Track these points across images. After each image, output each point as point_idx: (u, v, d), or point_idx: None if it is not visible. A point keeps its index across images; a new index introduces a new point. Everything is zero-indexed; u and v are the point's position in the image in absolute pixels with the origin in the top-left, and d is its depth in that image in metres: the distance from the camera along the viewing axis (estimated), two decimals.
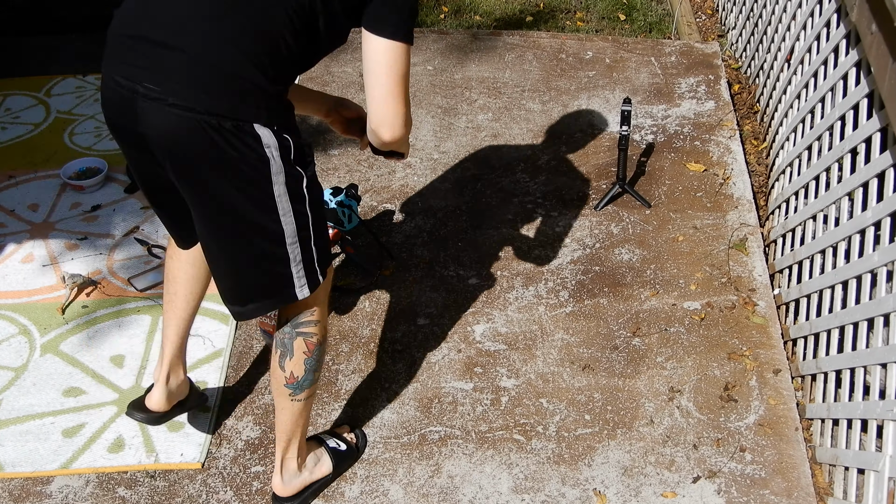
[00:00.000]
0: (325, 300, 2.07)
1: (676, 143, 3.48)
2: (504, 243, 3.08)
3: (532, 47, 4.14)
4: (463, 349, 2.71)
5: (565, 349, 2.69)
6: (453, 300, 2.87)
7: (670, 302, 2.83)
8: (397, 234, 3.12)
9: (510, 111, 3.71)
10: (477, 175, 3.38)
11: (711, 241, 3.04)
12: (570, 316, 2.80)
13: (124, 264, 3.00)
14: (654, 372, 2.62)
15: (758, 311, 2.78)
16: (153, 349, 2.70)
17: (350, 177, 3.38)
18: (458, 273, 2.97)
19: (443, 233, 3.13)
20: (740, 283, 2.88)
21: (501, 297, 2.87)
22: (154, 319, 2.79)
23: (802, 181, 2.87)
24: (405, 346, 2.72)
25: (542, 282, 2.92)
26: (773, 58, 3.57)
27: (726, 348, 2.67)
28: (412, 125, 2.04)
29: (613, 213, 3.16)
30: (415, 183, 3.35)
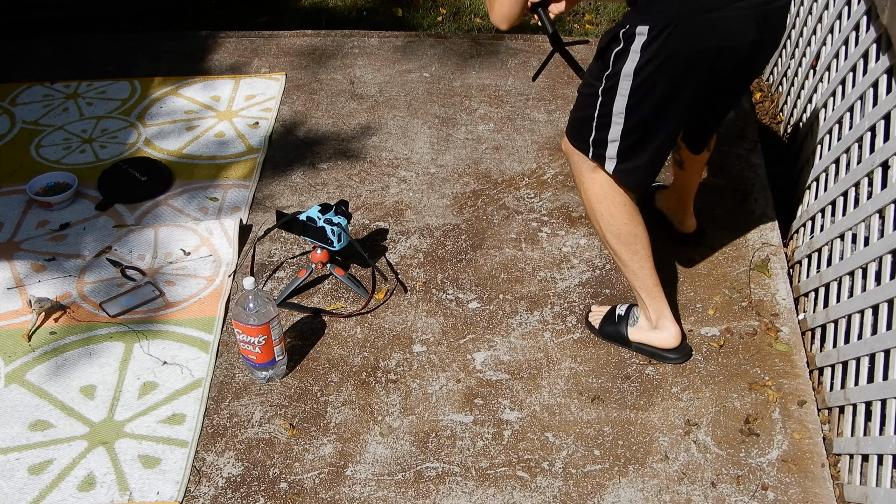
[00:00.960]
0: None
1: None
2: (507, 264, 3.11)
3: (537, 52, 4.19)
4: (462, 379, 2.74)
5: (573, 379, 2.73)
6: (452, 325, 2.90)
7: (686, 328, 2.86)
8: (391, 255, 3.16)
9: (513, 121, 3.76)
10: (477, 190, 3.42)
11: (731, 262, 3.08)
12: (579, 343, 2.84)
13: (95, 287, 3.03)
14: (669, 403, 2.65)
15: (781, 337, 2.82)
16: (126, 379, 2.73)
17: (340, 192, 3.42)
18: (457, 296, 3.00)
19: (440, 253, 3.16)
20: (762, 308, 2.91)
21: (504, 323, 2.91)
22: (128, 347, 2.82)
23: (829, 197, 2.90)
24: (400, 376, 2.75)
25: (548, 306, 2.96)
26: (798, 64, 3.62)
27: (747, 378, 2.70)
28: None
29: None
30: (410, 199, 3.39)
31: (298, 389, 2.72)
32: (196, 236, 3.20)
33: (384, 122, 3.78)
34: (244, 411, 2.66)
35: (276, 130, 3.74)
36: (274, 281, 3.08)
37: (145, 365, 2.78)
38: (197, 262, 3.11)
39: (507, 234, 3.23)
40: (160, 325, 2.89)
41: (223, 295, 2.99)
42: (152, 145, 3.65)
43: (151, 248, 3.16)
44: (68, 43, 4.30)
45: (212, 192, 3.42)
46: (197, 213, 3.32)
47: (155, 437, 2.58)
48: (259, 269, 3.12)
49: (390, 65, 4.13)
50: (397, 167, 3.54)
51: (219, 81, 3.98)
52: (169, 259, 3.13)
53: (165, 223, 3.27)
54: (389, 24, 4.56)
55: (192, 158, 3.59)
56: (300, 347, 2.85)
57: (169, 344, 2.84)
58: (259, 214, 3.33)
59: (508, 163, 3.54)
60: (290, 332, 2.89)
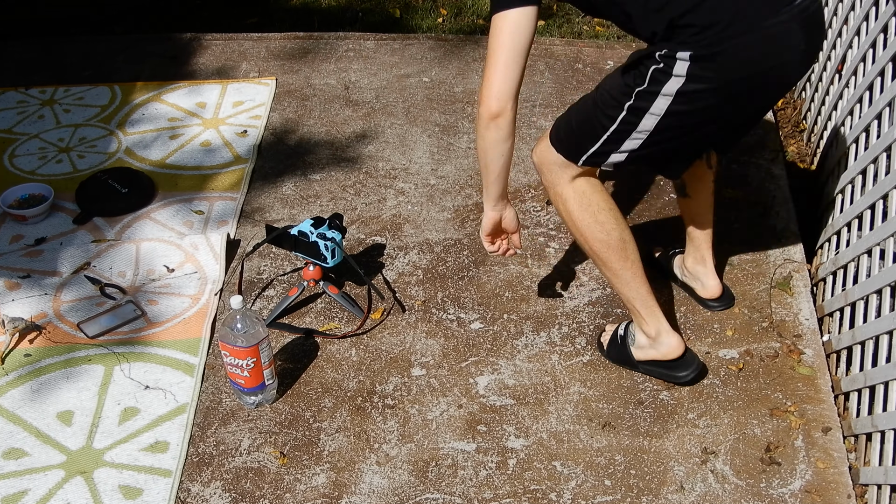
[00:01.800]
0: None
1: None
2: (511, 282, 3.14)
3: (544, 56, 4.23)
4: (464, 404, 2.76)
5: (582, 404, 2.75)
6: (453, 347, 2.93)
7: (703, 350, 2.89)
8: (389, 272, 3.19)
9: (518, 129, 3.80)
10: (480, 203, 3.45)
11: (751, 280, 3.11)
12: (588, 366, 2.86)
13: (73, 306, 3.06)
14: (685, 430, 2.67)
15: (804, 360, 2.84)
16: (106, 404, 2.75)
17: (334, 205, 3.45)
18: (459, 316, 3.03)
19: (441, 270, 3.19)
20: (784, 328, 2.94)
21: (509, 345, 2.93)
22: (108, 370, 2.85)
23: (856, 210, 2.93)
24: (397, 401, 2.78)
25: (556, 326, 2.98)
26: (822, 68, 3.65)
27: (768, 403, 2.73)
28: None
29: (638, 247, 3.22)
30: (409, 212, 3.42)
31: (289, 415, 2.75)
32: (180, 252, 3.23)
33: (381, 130, 3.82)
34: (232, 439, 2.69)
35: (265, 139, 3.78)
36: (263, 300, 3.11)
37: (126, 389, 2.80)
38: (181, 279, 3.15)
39: None
40: (142, 347, 2.92)
41: (209, 315, 3.02)
42: (134, 155, 3.69)
43: (133, 265, 3.19)
44: (44, 46, 4.34)
45: (197, 205, 3.45)
46: (181, 227, 3.36)
47: (136, 467, 2.60)
48: (247, 287, 3.15)
49: (387, 69, 4.17)
50: (395, 178, 3.57)
51: (204, 87, 4.02)
52: (151, 276, 3.16)
53: (148, 238, 3.30)
54: (387, 26, 4.60)
55: (176, 169, 3.62)
56: (291, 371, 2.87)
57: (151, 367, 2.87)
58: (247, 228, 3.36)
59: (513, 173, 3.58)
60: (281, 354, 2.92)
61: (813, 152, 3.64)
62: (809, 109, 3.78)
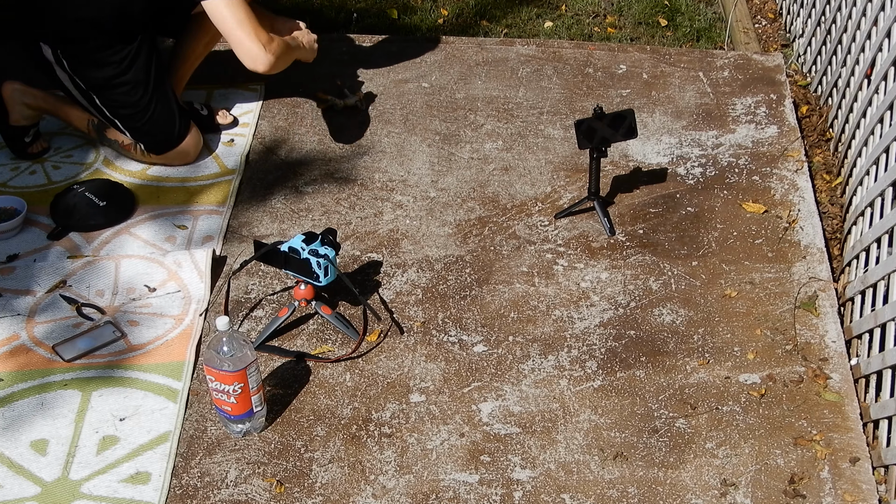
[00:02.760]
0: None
1: (730, 179, 3.60)
2: (517, 302, 3.17)
3: (552, 59, 4.26)
4: (467, 433, 2.79)
5: (593, 433, 2.77)
6: (454, 372, 2.95)
7: (723, 374, 2.91)
8: (386, 291, 3.21)
9: (525, 138, 3.83)
10: (484, 217, 3.48)
11: (773, 300, 3.13)
12: (599, 391, 2.89)
13: (48, 328, 3.08)
14: (703, 461, 2.69)
15: (831, 385, 2.87)
16: (84, 433, 2.77)
17: (327, 220, 3.47)
18: (461, 338, 3.05)
19: (442, 289, 3.22)
20: (809, 351, 2.97)
21: (514, 369, 2.96)
22: (85, 396, 2.87)
23: (886, 225, 2.94)
24: (395, 429, 2.80)
25: (565, 349, 3.01)
26: (850, 73, 3.68)
27: (792, 431, 2.75)
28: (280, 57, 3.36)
29: (652, 265, 3.25)
30: (407, 227, 3.45)
31: (279, 445, 2.76)
32: (163, 270, 3.25)
33: (377, 139, 3.85)
34: (217, 469, 2.71)
35: (253, 149, 3.81)
36: (251, 321, 3.14)
37: (105, 416, 2.82)
38: (164, 298, 3.17)
39: (517, 268, 3.29)
40: (122, 371, 2.94)
41: (193, 337, 3.04)
42: (112, 166, 3.71)
43: (111, 284, 3.22)
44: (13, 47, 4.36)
45: (181, 220, 3.48)
46: (164, 244, 3.38)
47: (116, 499, 2.62)
48: (234, 308, 3.17)
49: (384, 73, 4.20)
50: (392, 191, 3.60)
51: (188, 92, 4.04)
52: (132, 296, 3.18)
53: (128, 254, 3.32)
54: (383, 28, 4.62)
55: (158, 181, 3.65)
56: (281, 397, 2.89)
57: (132, 392, 2.89)
58: (234, 245, 3.39)
59: (519, 185, 3.61)
60: (270, 379, 2.94)
61: (840, 162, 3.67)
62: (836, 116, 3.80)
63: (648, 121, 3.89)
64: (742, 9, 4.72)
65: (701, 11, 4.79)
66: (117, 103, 3.55)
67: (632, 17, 4.75)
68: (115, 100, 3.54)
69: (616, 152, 3.71)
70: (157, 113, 3.57)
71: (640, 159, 3.71)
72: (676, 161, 3.69)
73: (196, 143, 3.69)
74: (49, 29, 3.44)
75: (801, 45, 4.31)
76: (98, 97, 3.54)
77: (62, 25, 3.42)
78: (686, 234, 3.38)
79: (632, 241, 3.36)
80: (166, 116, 3.59)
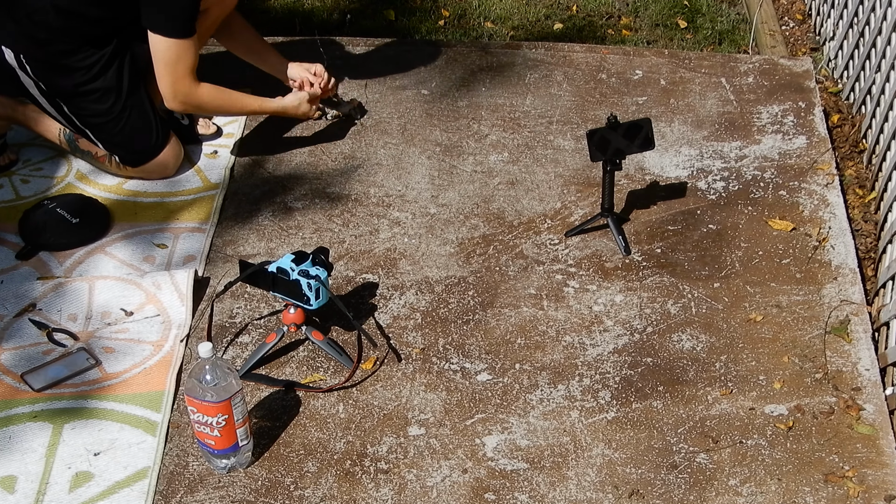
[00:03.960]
0: None
1: (755, 193, 3.62)
2: (524, 326, 3.19)
3: (562, 64, 4.29)
4: (470, 468, 2.80)
5: (607, 468, 2.79)
6: (457, 402, 2.97)
7: (747, 405, 2.93)
8: (382, 315, 3.24)
9: (532, 150, 3.85)
10: (488, 235, 3.50)
11: (802, 324, 3.15)
12: (614, 424, 2.90)
13: (16, 355, 3.09)
14: (726, 499, 2.71)
15: (864, 417, 2.88)
16: (55, 469, 2.78)
17: (319, 238, 3.50)
18: (464, 366, 3.07)
19: (443, 313, 3.24)
20: (840, 380, 2.99)
21: (521, 399, 2.97)
22: (56, 429, 2.88)
23: None
24: (392, 465, 2.81)
25: (576, 378, 3.03)
26: (885, 78, 3.69)
27: (822, 467, 2.76)
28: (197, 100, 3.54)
29: (671, 287, 3.28)
30: (405, 246, 3.47)
31: (267, 482, 2.78)
32: (140, 292, 3.27)
33: (373, 150, 3.87)
34: None
35: (239, 161, 3.83)
36: (237, 347, 3.16)
37: (78, 451, 2.83)
38: (141, 323, 3.19)
39: (524, 290, 3.31)
40: (96, 402, 2.96)
41: (174, 365, 3.06)
42: (86, 180, 3.74)
43: (85, 307, 3.24)
44: None
45: (160, 238, 3.50)
46: (141, 264, 3.40)
47: None
48: (218, 333, 3.19)
49: (380, 79, 4.22)
50: (389, 206, 3.63)
51: None
52: (107, 320, 3.20)
53: (102, 276, 3.34)
54: (379, 30, 4.64)
55: (135, 196, 3.67)
56: (269, 429, 2.91)
57: (107, 425, 2.90)
58: (218, 265, 3.41)
59: (527, 201, 3.63)
60: (257, 410, 2.95)
61: (874, 176, 3.69)
62: (870, 126, 3.82)
63: (666, 131, 3.92)
64: (768, 9, 4.74)
65: (723, 12, 4.82)
66: (87, 111, 3.58)
67: (648, 18, 4.78)
68: (84, 108, 3.57)
69: (631, 165, 3.74)
70: (131, 121, 3.60)
71: (657, 172, 3.73)
72: (697, 174, 3.71)
73: (176, 155, 3.72)
74: (9, 30, 3.48)
75: (832, 48, 4.33)
76: (66, 105, 3.57)
77: (20, 26, 3.46)
78: (707, 253, 3.41)
79: (649, 261, 3.39)
80: (141, 125, 3.62)
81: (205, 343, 2.64)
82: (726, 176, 3.70)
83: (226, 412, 2.66)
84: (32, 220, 3.51)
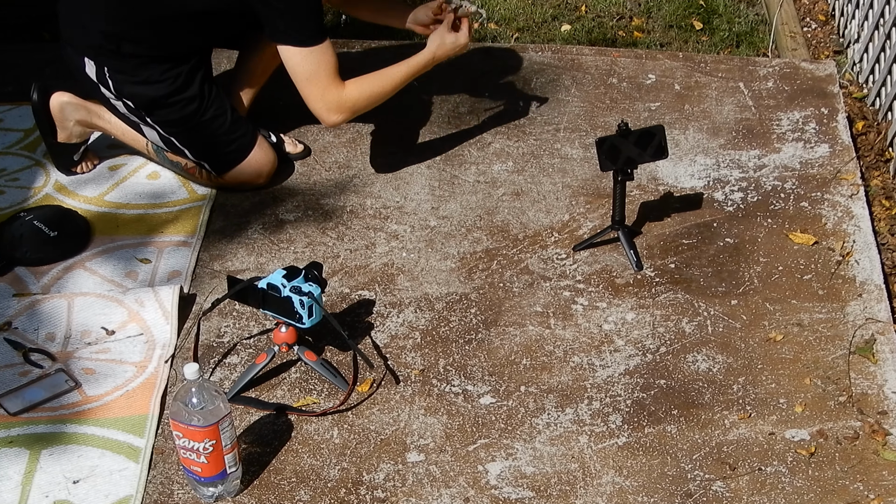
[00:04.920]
0: None
1: (775, 205, 3.64)
2: (530, 346, 3.20)
3: (569, 68, 4.31)
4: (472, 497, 2.81)
5: (618, 496, 2.80)
6: (458, 427, 2.98)
7: (766, 430, 2.94)
8: (379, 334, 3.25)
9: (539, 158, 3.87)
10: (491, 249, 3.52)
11: (824, 344, 3.16)
12: (625, 450, 2.91)
13: None
14: None
15: (891, 442, 2.89)
16: (32, 497, 2.78)
17: (311, 252, 3.51)
18: (465, 389, 3.08)
19: (443, 332, 3.25)
20: (866, 403, 2.99)
21: (527, 424, 2.98)
22: (33, 455, 2.88)
23: None
24: (390, 493, 2.82)
25: (585, 401, 3.04)
26: None
27: (846, 496, 2.77)
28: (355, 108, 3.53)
29: (685, 304, 3.29)
30: (403, 261, 3.49)
31: None
32: (122, 310, 3.28)
33: (369, 159, 3.89)
34: None
35: None
36: (225, 368, 3.17)
37: (56, 478, 2.83)
38: (124, 343, 3.20)
39: (530, 307, 3.33)
40: (75, 427, 2.96)
41: (158, 387, 3.06)
42: (65, 191, 3.75)
43: (64, 326, 3.24)
44: None
45: (143, 252, 3.51)
46: (124, 280, 3.41)
47: None
48: (205, 353, 3.19)
49: None
50: (387, 219, 3.64)
51: None
52: (87, 339, 3.21)
53: (82, 292, 3.35)
54: (376, 31, 4.64)
55: (117, 208, 3.69)
56: (259, 456, 2.91)
57: (87, 451, 2.90)
58: (205, 281, 3.42)
59: (532, 213, 3.65)
60: (246, 435, 2.96)
61: None
62: None
63: (681, 138, 3.94)
64: (789, 10, 4.75)
65: (741, 13, 4.84)
66: (171, 121, 3.59)
67: (662, 19, 4.80)
68: (167, 117, 3.58)
69: (644, 175, 3.76)
70: (215, 125, 3.61)
71: (671, 183, 3.75)
72: (713, 185, 3.73)
73: (269, 161, 3.73)
74: (92, 42, 3.52)
75: (857, 51, 4.35)
76: (149, 116, 3.58)
77: (107, 40, 3.50)
78: (724, 268, 3.42)
79: (662, 277, 3.40)
80: (227, 128, 3.63)
81: (191, 364, 2.64)
82: (744, 186, 3.71)
83: (213, 437, 2.66)
84: (8, 234, 3.52)
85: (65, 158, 3.78)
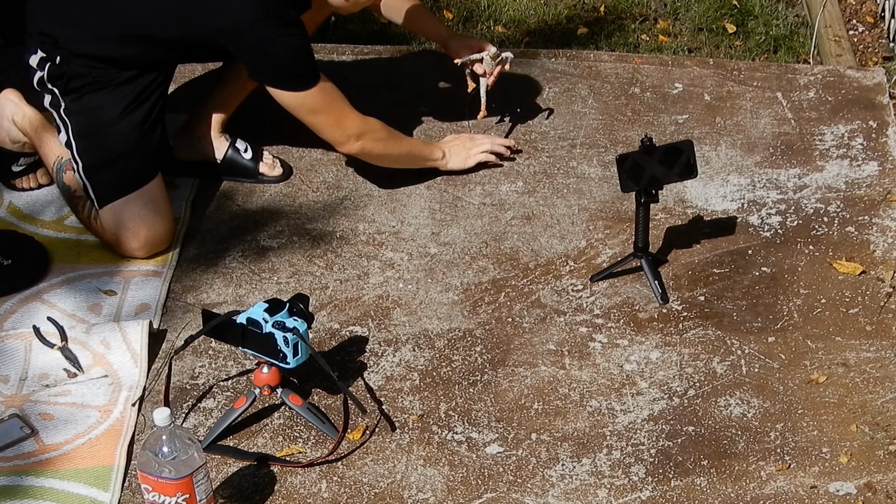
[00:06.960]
0: None
1: (818, 230, 3.66)
2: (542, 389, 3.21)
3: (587, 76, 4.32)
4: None
5: None
6: (462, 479, 2.98)
7: (808, 482, 2.94)
8: (373, 375, 3.26)
9: (552, 178, 3.89)
10: (499, 280, 3.54)
11: (873, 386, 3.17)
12: None
13: None
14: None
15: None
16: None
17: (297, 283, 3.53)
18: (470, 436, 3.10)
19: (445, 372, 3.27)
20: None
21: (539, 475, 2.99)
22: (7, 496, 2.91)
23: None
24: None
25: (604, 450, 3.05)
26: None
27: None
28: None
29: (716, 342, 3.30)
30: (400, 293, 3.50)
31: None
32: (86, 351, 3.29)
33: (362, 178, 3.90)
34: None
35: (202, 192, 3.86)
36: (199, 413, 3.18)
37: None
38: (86, 385, 3.20)
39: (542, 345, 3.34)
40: (32, 479, 2.96)
41: (124, 434, 3.06)
42: (20, 214, 3.77)
43: (19, 367, 3.25)
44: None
45: (107, 283, 3.53)
46: (86, 314, 3.43)
47: None
48: (177, 397, 3.20)
49: (371, 94, 4.22)
50: (381, 245, 3.66)
51: None
52: (45, 381, 3.21)
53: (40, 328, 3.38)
54: (370, 36, 4.66)
55: (78, 234, 3.70)
56: None
57: None
58: (177, 316, 3.44)
59: (545, 239, 3.67)
60: (224, 488, 2.96)
61: None
62: None
63: (711, 155, 3.96)
64: (833, 11, 4.75)
65: (779, 14, 4.85)
66: (83, 118, 3.56)
67: (690, 21, 4.81)
68: (81, 113, 3.56)
69: (670, 196, 3.77)
70: (126, 141, 3.56)
71: (700, 205, 3.77)
72: (748, 208, 3.75)
73: (162, 226, 3.63)
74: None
75: None
76: (66, 106, 3.57)
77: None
78: (760, 301, 3.43)
79: (690, 311, 3.42)
80: (133, 147, 3.59)
81: (161, 409, 2.65)
82: (783, 209, 3.73)
83: (186, 491, 2.67)
84: None
85: (2, 166, 3.81)
